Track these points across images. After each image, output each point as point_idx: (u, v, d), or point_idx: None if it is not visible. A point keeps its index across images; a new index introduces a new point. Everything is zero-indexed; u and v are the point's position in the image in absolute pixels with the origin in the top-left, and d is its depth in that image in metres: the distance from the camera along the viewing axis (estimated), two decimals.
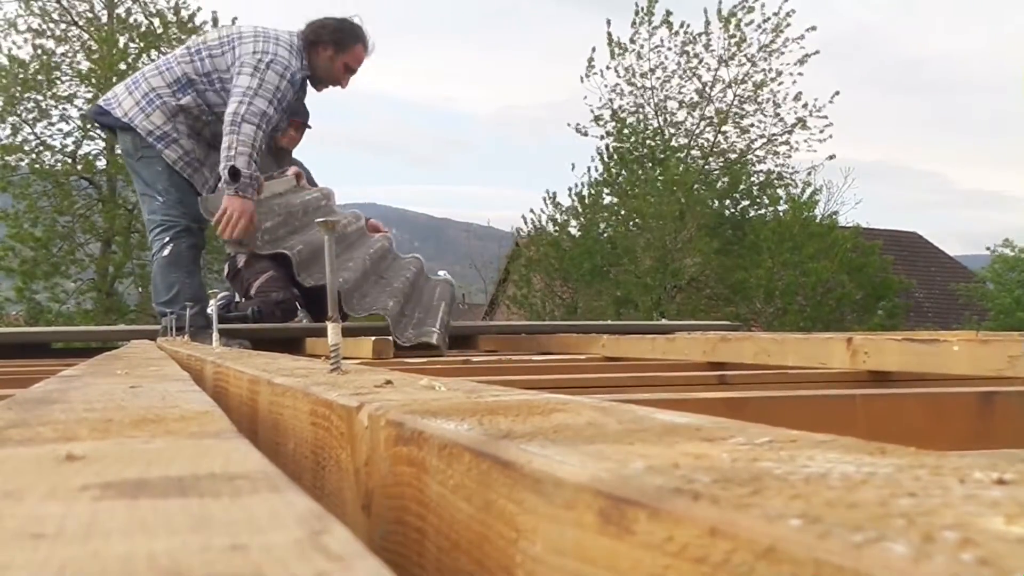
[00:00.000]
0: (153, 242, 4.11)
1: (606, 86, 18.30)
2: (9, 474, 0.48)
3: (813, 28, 17.74)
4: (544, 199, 17.51)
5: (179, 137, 4.07)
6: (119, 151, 4.63)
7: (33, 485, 0.45)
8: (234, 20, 16.49)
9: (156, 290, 4.13)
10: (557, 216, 17.43)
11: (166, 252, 4.04)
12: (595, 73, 18.18)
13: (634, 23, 17.91)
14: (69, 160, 16.24)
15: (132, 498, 0.41)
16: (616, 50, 17.96)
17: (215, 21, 16.44)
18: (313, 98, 4.55)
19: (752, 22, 17.65)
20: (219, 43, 4.11)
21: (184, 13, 16.48)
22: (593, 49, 18.24)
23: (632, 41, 17.95)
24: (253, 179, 3.95)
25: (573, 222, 17.44)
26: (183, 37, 16.38)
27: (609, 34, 17.99)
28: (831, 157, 18.43)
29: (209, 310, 5.57)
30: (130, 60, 16.10)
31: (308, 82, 4.29)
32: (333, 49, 4.23)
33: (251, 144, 3.90)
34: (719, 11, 17.65)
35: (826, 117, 18.01)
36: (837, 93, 18.18)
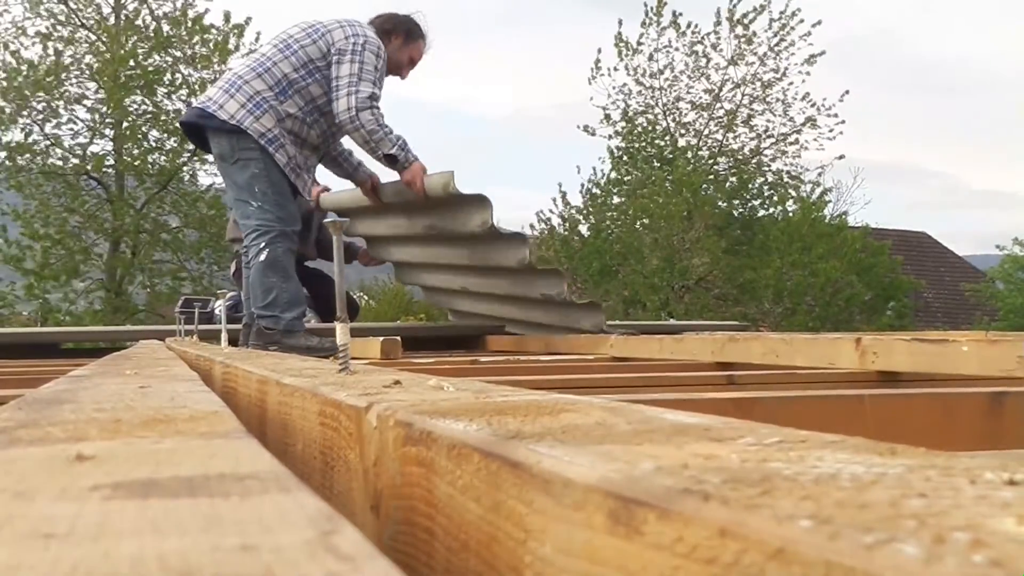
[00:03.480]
0: (250, 247, 4.05)
1: (614, 86, 18.31)
2: (20, 474, 0.49)
3: (819, 23, 17.71)
4: (554, 199, 17.52)
5: (285, 142, 4.09)
6: (210, 156, 4.59)
7: (44, 485, 0.45)
8: (247, 20, 16.55)
9: (253, 295, 4.08)
10: (567, 215, 17.42)
11: (262, 257, 4.00)
12: (602, 74, 18.19)
13: (644, 23, 17.90)
14: (78, 159, 16.28)
15: (142, 498, 0.41)
16: (624, 50, 17.96)
17: (227, 19, 16.48)
18: None
19: (757, 20, 17.64)
20: (306, 34, 4.16)
21: (191, 13, 16.51)
22: (599, 50, 18.25)
23: (640, 42, 17.95)
24: (403, 148, 4.13)
25: (583, 221, 17.43)
26: (193, 39, 16.43)
27: (619, 34, 18.00)
28: (840, 157, 18.40)
29: (217, 310, 5.59)
30: (138, 59, 16.15)
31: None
32: (403, 39, 4.35)
33: (379, 125, 4.03)
34: (730, 11, 17.63)
35: (836, 115, 18.00)
36: (847, 92, 18.16)
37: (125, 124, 16.33)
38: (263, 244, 4.00)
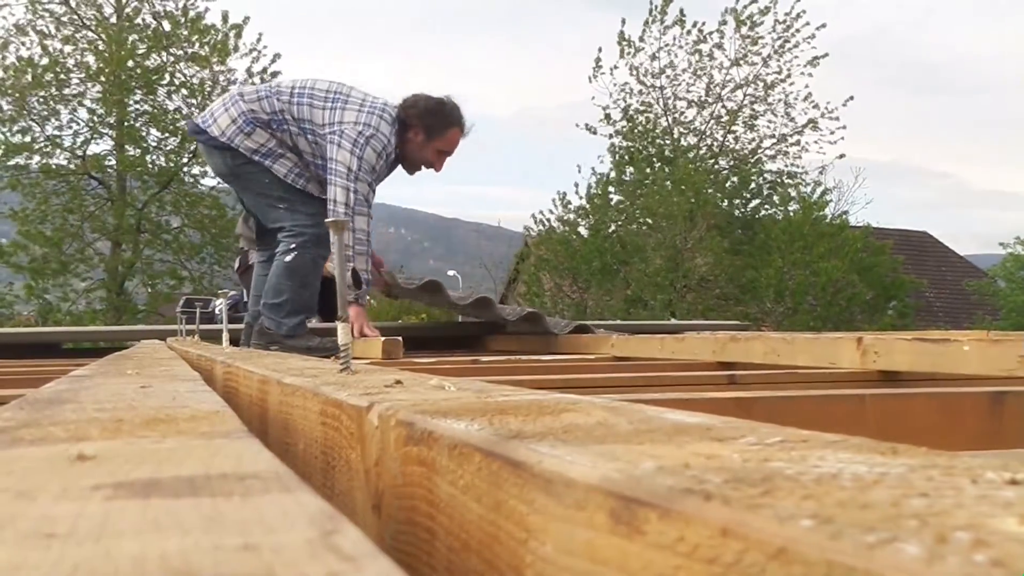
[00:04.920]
0: (280, 242, 4.00)
1: (615, 84, 18.31)
2: (21, 474, 0.49)
3: (823, 26, 17.72)
4: (554, 200, 17.53)
5: (284, 152, 3.97)
6: (211, 167, 4.45)
7: (45, 485, 0.45)
8: (246, 20, 16.55)
9: (265, 291, 4.00)
10: (566, 216, 17.42)
11: (288, 259, 3.93)
12: (603, 73, 18.20)
13: (647, 22, 17.91)
14: (79, 159, 16.30)
15: (144, 498, 0.41)
16: (626, 48, 17.96)
17: (225, 20, 16.48)
18: None
19: (763, 23, 17.66)
20: (324, 95, 3.99)
21: (192, 13, 16.53)
22: (600, 49, 18.26)
23: (642, 39, 17.95)
24: (369, 284, 3.88)
25: (582, 221, 17.43)
26: (193, 38, 16.44)
27: (621, 32, 18.00)
28: (841, 156, 18.42)
29: (218, 310, 5.60)
30: (137, 59, 16.16)
31: (398, 160, 4.15)
32: (423, 135, 4.06)
33: (367, 239, 3.85)
34: (735, 11, 17.64)
35: (838, 119, 18.01)
36: (851, 98, 18.19)
37: (125, 124, 16.35)
38: (293, 246, 3.93)
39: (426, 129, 4.05)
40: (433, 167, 4.18)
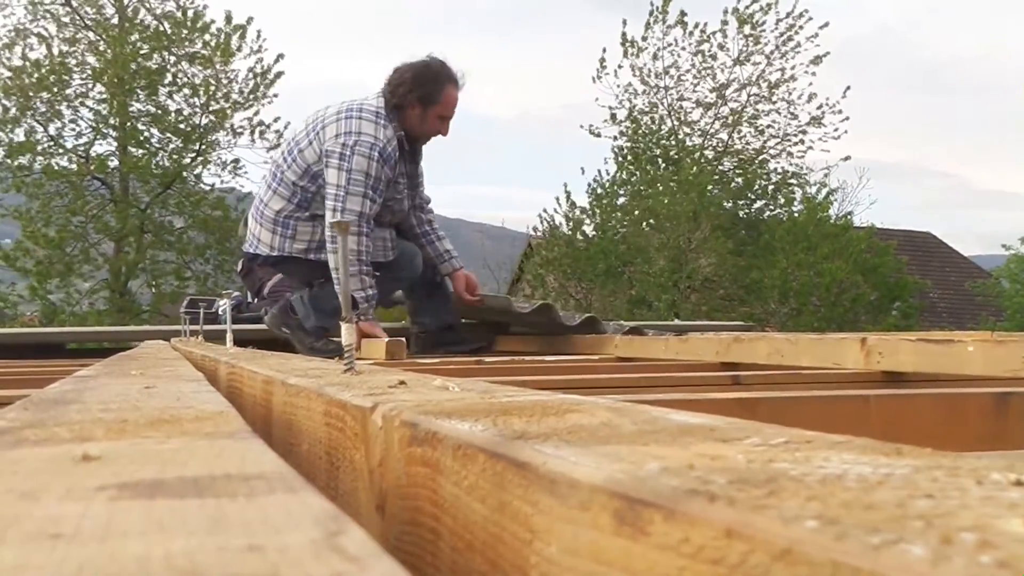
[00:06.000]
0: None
1: (619, 85, 18.31)
2: (26, 475, 0.49)
3: (826, 24, 17.72)
4: (558, 199, 17.51)
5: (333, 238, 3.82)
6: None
7: (50, 485, 0.45)
8: (249, 20, 16.57)
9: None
10: (571, 215, 17.40)
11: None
12: (607, 74, 18.20)
13: (648, 24, 17.90)
14: (83, 160, 16.33)
15: (148, 498, 0.41)
16: (629, 48, 17.95)
17: (228, 20, 16.50)
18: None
19: (765, 23, 17.65)
20: (305, 134, 3.87)
21: (191, 12, 16.54)
22: (604, 50, 18.25)
23: (644, 39, 17.94)
24: (371, 299, 3.72)
25: (588, 221, 17.43)
26: (193, 37, 16.46)
27: (624, 34, 18.00)
28: (846, 158, 18.42)
29: (221, 310, 5.61)
30: (139, 59, 16.18)
31: (406, 141, 3.94)
32: (420, 106, 3.87)
33: (357, 259, 3.66)
34: (736, 10, 17.63)
35: (841, 112, 18.00)
36: (848, 88, 18.17)
37: (128, 125, 16.38)
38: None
39: (421, 99, 3.87)
40: (440, 133, 4.00)
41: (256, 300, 5.71)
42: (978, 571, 0.26)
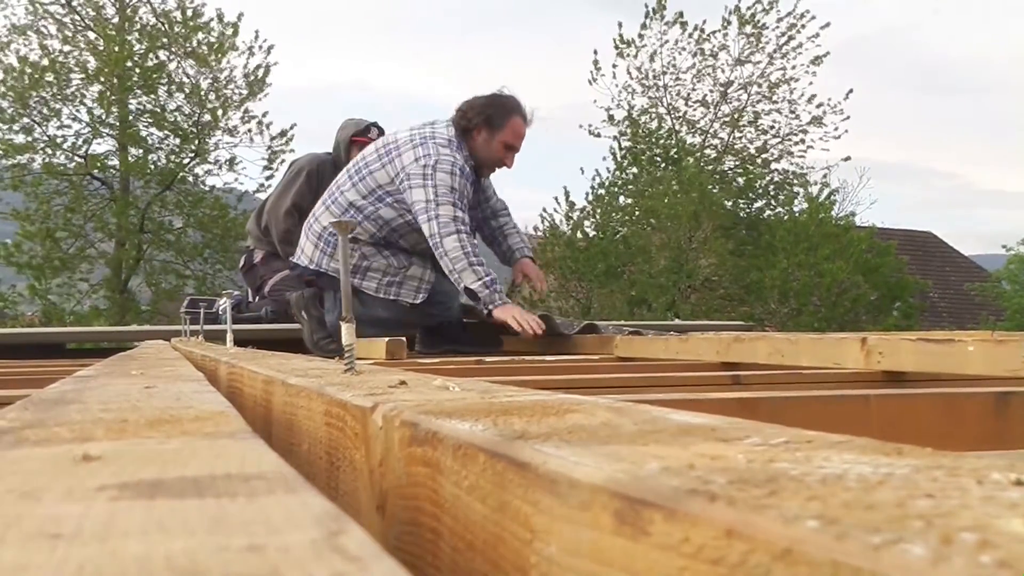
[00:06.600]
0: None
1: (616, 86, 18.31)
2: (26, 475, 0.49)
3: (827, 25, 17.73)
4: (557, 199, 17.51)
5: (370, 263, 3.92)
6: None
7: (50, 485, 0.45)
8: (240, 16, 16.56)
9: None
10: (571, 215, 17.40)
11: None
12: (602, 74, 18.21)
13: (644, 24, 17.90)
14: (81, 159, 16.33)
15: (149, 498, 0.42)
16: (624, 48, 17.95)
17: (220, 19, 16.49)
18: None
19: (766, 23, 17.66)
20: (377, 157, 3.92)
21: (189, 11, 16.54)
22: (596, 52, 18.26)
23: (640, 36, 17.93)
24: (488, 286, 3.71)
25: (587, 222, 17.43)
26: (191, 36, 16.45)
27: (620, 36, 17.99)
28: (847, 159, 18.47)
29: (220, 310, 5.61)
30: (137, 58, 16.18)
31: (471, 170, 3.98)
32: (486, 131, 3.94)
33: (463, 254, 3.69)
34: (737, 8, 17.64)
35: (842, 111, 18.01)
36: (851, 90, 18.20)
37: (127, 123, 16.38)
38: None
39: (487, 122, 3.93)
40: (504, 164, 4.05)
41: (257, 298, 5.71)
42: (978, 571, 0.26)
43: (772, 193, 18.22)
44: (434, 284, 4.00)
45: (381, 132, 5.18)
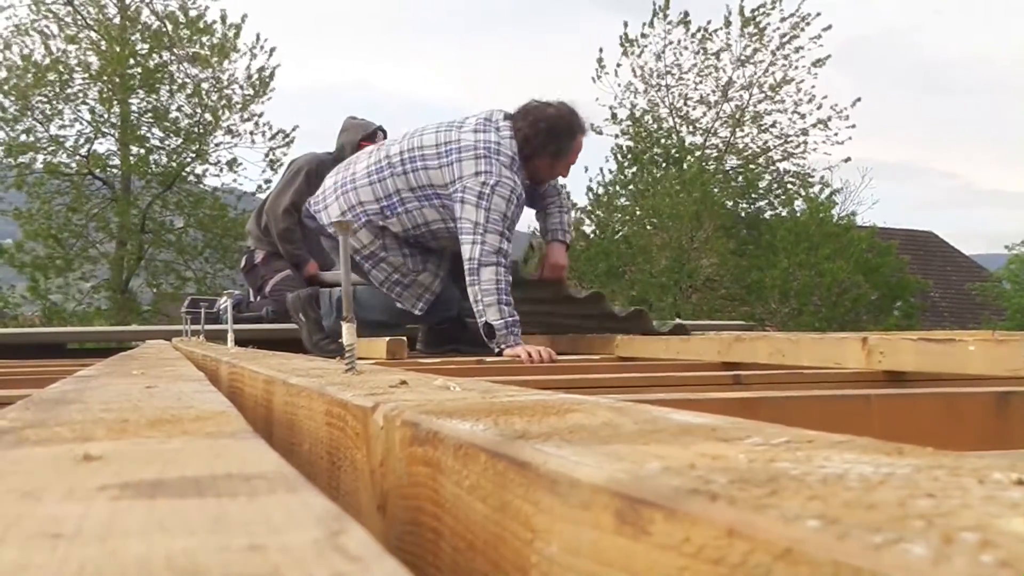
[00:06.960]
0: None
1: (619, 84, 18.33)
2: (27, 474, 0.49)
3: (829, 27, 17.74)
4: None
5: (387, 255, 3.84)
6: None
7: (51, 485, 0.45)
8: (243, 18, 16.56)
9: (366, 305, 3.90)
10: (573, 215, 17.39)
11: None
12: (606, 72, 18.22)
13: (649, 23, 17.91)
14: (83, 159, 16.33)
15: (150, 498, 0.41)
16: (629, 47, 17.96)
17: (223, 20, 16.48)
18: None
19: (769, 26, 17.66)
20: (436, 154, 3.77)
21: (193, 12, 16.54)
22: (601, 50, 18.27)
23: (644, 36, 17.94)
24: (510, 326, 3.61)
25: (588, 221, 17.43)
26: (194, 37, 16.45)
27: (625, 35, 18.01)
28: (847, 160, 18.51)
29: (221, 310, 5.61)
30: (140, 58, 16.18)
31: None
32: (551, 159, 3.87)
33: (496, 288, 3.61)
34: (740, 9, 17.64)
35: (848, 118, 18.02)
36: (859, 99, 18.27)
37: (131, 118, 16.38)
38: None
39: (553, 155, 3.87)
40: (561, 175, 4.07)
41: (258, 297, 5.71)
42: (979, 571, 0.26)
43: (775, 191, 18.22)
44: (439, 294, 3.97)
45: (386, 136, 5.18)
